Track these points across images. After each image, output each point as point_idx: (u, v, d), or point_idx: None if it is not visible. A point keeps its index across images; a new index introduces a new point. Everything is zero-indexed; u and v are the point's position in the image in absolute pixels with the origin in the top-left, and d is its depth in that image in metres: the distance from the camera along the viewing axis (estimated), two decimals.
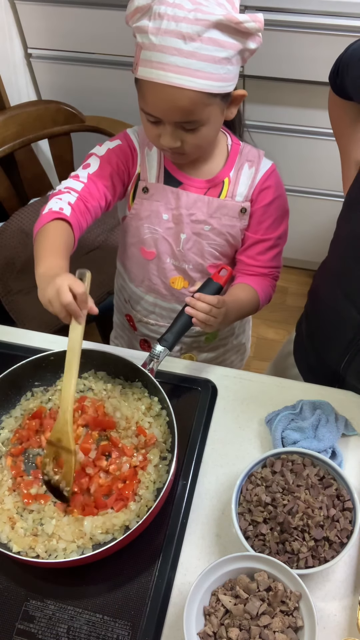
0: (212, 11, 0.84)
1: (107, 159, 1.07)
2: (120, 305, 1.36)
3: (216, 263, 1.15)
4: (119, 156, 1.08)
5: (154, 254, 1.15)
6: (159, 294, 1.22)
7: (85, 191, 1.03)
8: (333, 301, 1.02)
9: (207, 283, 0.98)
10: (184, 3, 0.84)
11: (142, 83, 0.91)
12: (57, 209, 0.99)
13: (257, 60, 1.74)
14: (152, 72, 0.88)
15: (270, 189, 1.10)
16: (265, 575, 0.76)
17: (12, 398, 1.00)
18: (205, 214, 1.09)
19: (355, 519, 0.81)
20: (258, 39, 0.89)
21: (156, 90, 0.89)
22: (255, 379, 1.07)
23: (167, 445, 0.92)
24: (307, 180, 2.01)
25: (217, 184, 1.09)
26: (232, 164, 1.09)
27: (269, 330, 2.25)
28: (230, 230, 1.11)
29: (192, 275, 1.17)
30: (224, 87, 0.91)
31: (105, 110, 1.82)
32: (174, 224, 1.10)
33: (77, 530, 0.85)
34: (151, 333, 1.31)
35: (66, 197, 1.01)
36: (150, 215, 1.10)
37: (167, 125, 0.93)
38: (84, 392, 1.02)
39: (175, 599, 0.83)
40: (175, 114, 0.91)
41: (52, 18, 1.83)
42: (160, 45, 0.85)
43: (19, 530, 0.86)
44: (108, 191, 1.06)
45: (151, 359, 0.97)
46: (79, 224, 1.00)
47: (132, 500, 0.87)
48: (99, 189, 1.05)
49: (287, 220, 1.15)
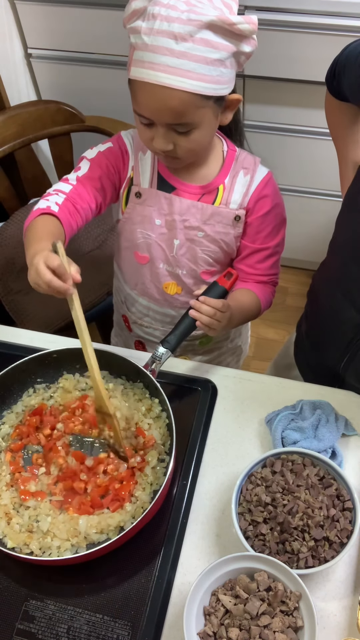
0: (206, 12, 0.83)
1: (97, 162, 1.07)
2: (118, 305, 1.36)
3: (210, 269, 1.15)
4: (109, 158, 1.07)
5: (147, 259, 1.14)
6: (152, 298, 1.21)
7: (73, 193, 1.03)
8: (332, 301, 1.02)
9: (213, 286, 0.98)
10: (178, 4, 0.83)
11: (134, 84, 0.90)
12: (44, 207, 0.99)
13: (257, 60, 1.74)
14: (143, 72, 0.87)
15: (268, 197, 1.09)
16: (265, 575, 0.76)
17: (14, 393, 1.01)
18: (198, 220, 1.08)
19: (355, 519, 0.81)
20: (253, 42, 0.89)
21: (147, 91, 0.88)
22: (255, 379, 1.07)
23: (165, 448, 0.92)
24: (307, 180, 2.02)
25: (211, 191, 1.08)
26: (228, 171, 1.08)
27: (269, 330, 2.25)
28: (224, 237, 1.10)
29: (186, 281, 1.16)
30: (217, 89, 0.90)
31: (105, 110, 1.82)
32: (167, 230, 1.10)
33: (72, 528, 0.85)
34: (145, 335, 1.31)
35: (53, 198, 1.01)
36: (143, 220, 1.10)
37: (159, 127, 0.93)
38: (86, 391, 1.02)
39: (175, 599, 0.83)
40: (166, 115, 0.90)
41: (52, 18, 1.83)
42: (152, 45, 0.85)
43: (14, 526, 0.86)
44: (98, 193, 1.06)
45: (153, 360, 0.97)
46: (68, 222, 1.00)
47: (128, 502, 0.87)
48: (88, 191, 1.04)
49: (284, 227, 1.15)
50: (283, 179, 2.06)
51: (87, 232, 1.78)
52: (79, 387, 1.02)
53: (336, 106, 1.07)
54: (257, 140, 2.02)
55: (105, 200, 1.09)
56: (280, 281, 1.22)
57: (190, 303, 0.96)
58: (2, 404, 1.00)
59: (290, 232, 1.18)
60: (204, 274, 1.16)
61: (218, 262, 1.15)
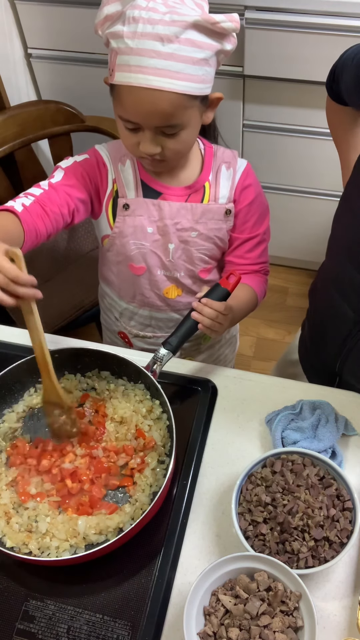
0: (186, 12, 0.84)
1: (72, 170, 1.05)
2: (111, 323, 1.34)
3: (206, 267, 1.16)
4: (85, 168, 1.06)
5: (144, 269, 1.14)
6: (153, 306, 1.21)
7: (43, 196, 1.00)
8: (329, 300, 1.03)
9: (215, 288, 0.98)
10: (157, 6, 0.83)
11: (120, 89, 0.89)
12: (8, 206, 0.95)
13: (257, 60, 1.75)
14: (131, 76, 0.86)
15: (251, 187, 1.10)
16: (265, 575, 0.76)
17: (15, 393, 1.01)
18: (190, 220, 1.08)
19: (355, 519, 0.81)
20: (233, 40, 0.89)
21: (135, 95, 0.87)
22: (255, 379, 1.07)
23: (165, 449, 0.92)
24: (307, 180, 2.02)
25: (197, 190, 1.08)
26: (209, 168, 1.08)
27: (269, 330, 2.25)
28: (217, 233, 1.11)
29: (185, 282, 1.16)
30: (203, 89, 0.90)
31: (105, 110, 1.81)
32: (160, 236, 1.09)
33: (71, 529, 0.85)
34: (149, 346, 1.30)
35: (20, 200, 0.98)
36: (134, 230, 1.09)
37: (146, 131, 0.92)
38: (87, 391, 1.02)
39: (175, 599, 0.83)
40: (156, 118, 0.89)
41: (52, 18, 1.83)
42: (138, 48, 0.84)
43: (13, 526, 0.86)
44: (71, 200, 1.03)
45: (154, 361, 0.97)
46: (32, 224, 0.96)
47: (127, 503, 0.87)
48: (59, 196, 1.01)
49: (268, 214, 1.16)
50: (283, 179, 2.06)
51: (87, 232, 1.78)
52: (80, 387, 1.02)
53: (336, 110, 1.09)
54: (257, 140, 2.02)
55: (80, 209, 1.06)
56: (280, 281, 1.22)
57: (193, 305, 0.96)
58: (4, 403, 1.00)
59: (290, 232, 1.18)
60: (202, 272, 1.16)
61: (213, 258, 1.16)
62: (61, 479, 0.91)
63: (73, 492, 0.89)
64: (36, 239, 0.98)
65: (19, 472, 0.92)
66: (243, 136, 1.95)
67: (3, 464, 0.94)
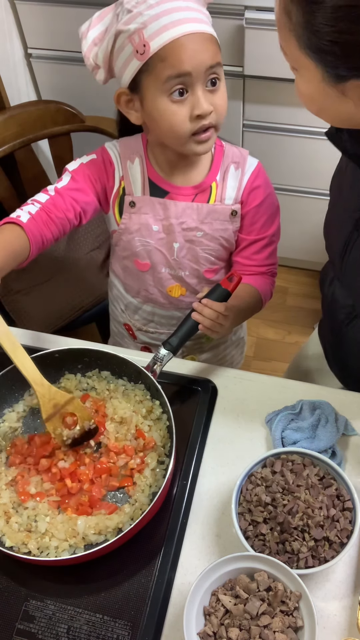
0: None
1: (78, 173, 1.07)
2: (117, 314, 1.35)
3: (212, 267, 1.15)
4: (91, 169, 1.08)
5: (149, 265, 1.14)
6: (157, 303, 1.21)
7: (49, 202, 1.03)
8: (328, 289, 1.06)
9: (216, 289, 0.98)
10: None
11: (162, 53, 0.90)
12: (14, 217, 0.99)
13: (257, 60, 1.75)
14: (174, 30, 0.89)
15: (260, 188, 1.10)
16: (265, 575, 0.76)
17: (15, 392, 1.01)
18: (195, 220, 1.08)
19: (355, 519, 0.81)
20: None
21: (181, 44, 0.89)
22: (255, 379, 1.07)
23: (165, 450, 0.92)
24: (307, 180, 2.01)
25: (204, 190, 1.08)
26: (218, 168, 1.08)
27: (269, 330, 2.25)
28: (222, 234, 1.11)
29: (189, 282, 1.16)
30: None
31: (105, 110, 1.81)
32: (165, 234, 1.10)
33: (71, 529, 0.85)
34: (152, 340, 1.30)
35: (27, 208, 1.02)
36: (140, 228, 1.10)
37: (196, 87, 0.92)
38: (87, 391, 1.02)
39: (175, 599, 0.83)
40: (206, 56, 0.91)
41: (52, 18, 1.83)
42: (163, 11, 0.89)
43: (13, 525, 0.86)
44: (76, 203, 1.05)
45: (155, 361, 0.97)
46: (39, 232, 0.99)
47: (127, 503, 0.87)
48: (65, 201, 1.04)
49: (279, 216, 1.15)
50: (283, 179, 2.06)
51: (87, 232, 1.78)
52: (81, 387, 1.02)
53: None
54: (257, 140, 2.02)
55: (87, 211, 1.08)
56: (280, 281, 1.22)
57: (193, 305, 0.96)
58: (4, 402, 1.00)
59: (290, 232, 1.18)
60: (207, 273, 1.16)
61: (220, 259, 1.15)
62: (61, 478, 0.91)
63: (73, 492, 0.89)
64: (43, 245, 1.01)
65: (18, 471, 0.92)
66: (243, 136, 1.95)
67: (3, 463, 0.94)
